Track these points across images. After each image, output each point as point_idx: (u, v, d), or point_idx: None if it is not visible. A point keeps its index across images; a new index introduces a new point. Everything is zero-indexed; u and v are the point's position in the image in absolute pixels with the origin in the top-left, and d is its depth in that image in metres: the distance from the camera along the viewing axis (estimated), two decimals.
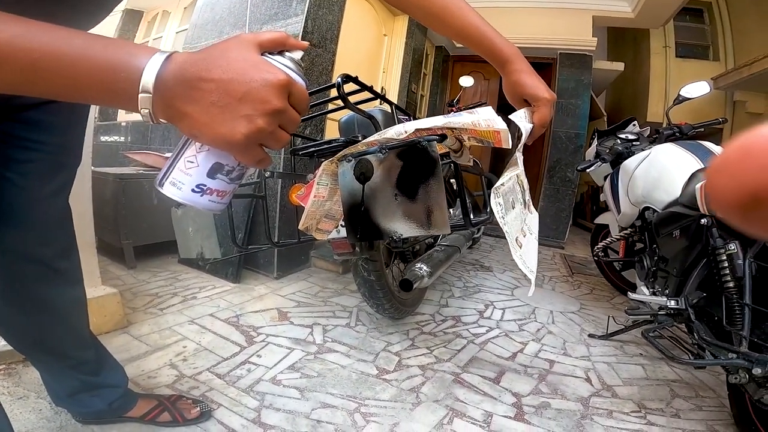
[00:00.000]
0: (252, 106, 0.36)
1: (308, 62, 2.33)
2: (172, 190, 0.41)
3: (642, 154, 1.88)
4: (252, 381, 1.38)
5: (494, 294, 2.54)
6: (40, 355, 0.97)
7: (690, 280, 1.44)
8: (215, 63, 0.36)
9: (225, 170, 0.42)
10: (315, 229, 0.86)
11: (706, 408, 1.46)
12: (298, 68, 0.43)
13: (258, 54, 0.39)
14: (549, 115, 0.74)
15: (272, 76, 0.37)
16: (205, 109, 0.36)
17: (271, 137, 0.39)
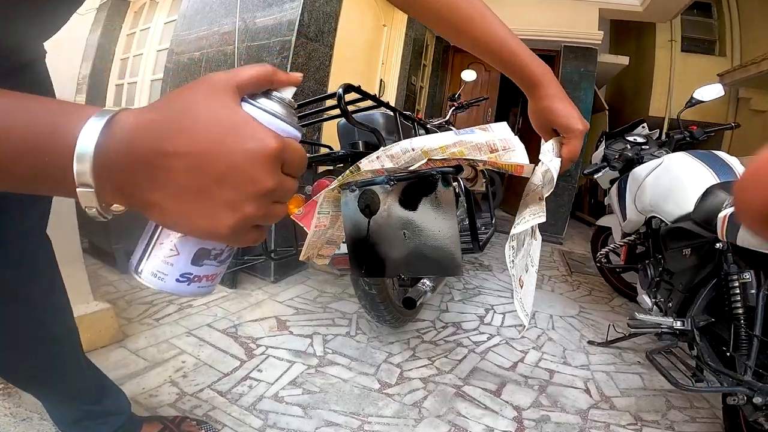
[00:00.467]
0: (236, 189, 0.27)
1: (305, 57, 2.25)
2: (152, 281, 0.33)
3: (654, 162, 1.85)
4: (254, 398, 1.36)
5: (494, 296, 2.54)
6: (37, 389, 0.95)
7: (697, 300, 1.43)
8: (180, 127, 0.26)
9: (212, 255, 0.34)
10: (316, 256, 0.83)
11: (700, 420, 1.48)
12: (290, 113, 0.33)
13: (236, 103, 0.29)
14: (580, 147, 0.64)
15: (259, 146, 0.27)
16: (175, 196, 0.27)
17: (264, 219, 0.30)
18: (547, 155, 0.62)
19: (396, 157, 0.57)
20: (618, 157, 2.09)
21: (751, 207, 0.28)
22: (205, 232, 0.29)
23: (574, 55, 4.11)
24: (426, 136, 0.56)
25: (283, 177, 0.30)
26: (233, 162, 0.27)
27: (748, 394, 1.12)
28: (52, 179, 0.26)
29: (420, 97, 4.47)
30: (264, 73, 0.31)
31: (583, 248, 4.15)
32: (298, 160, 0.31)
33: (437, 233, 0.61)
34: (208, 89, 0.28)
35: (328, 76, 2.45)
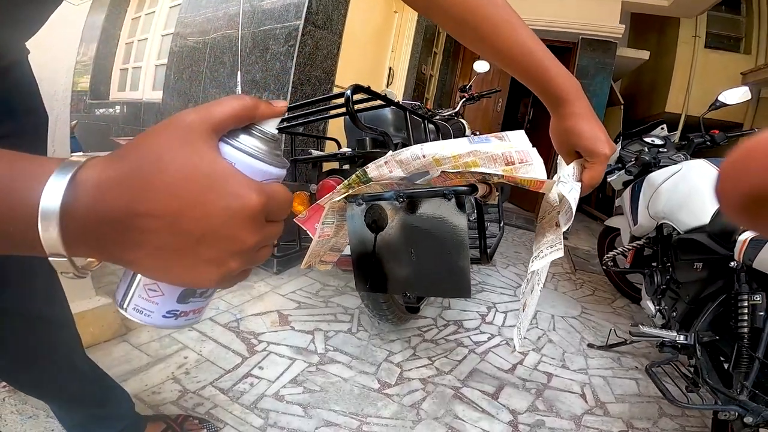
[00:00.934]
0: (217, 248, 0.26)
1: (312, 45, 2.20)
2: (138, 317, 0.32)
3: (672, 168, 1.81)
4: (255, 397, 1.38)
5: (497, 294, 2.54)
6: (42, 395, 0.96)
7: (704, 315, 1.42)
8: (152, 184, 0.24)
9: (198, 293, 0.33)
10: (319, 263, 0.82)
11: (689, 428, 1.50)
12: (273, 150, 0.30)
13: (212, 149, 0.26)
14: (603, 172, 0.59)
15: (240, 204, 0.25)
16: (152, 254, 0.25)
17: (250, 263, 0.29)
18: (567, 183, 0.56)
19: (405, 163, 0.54)
20: (634, 160, 2.04)
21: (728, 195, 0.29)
22: (189, 285, 0.29)
23: (592, 47, 4.00)
24: (438, 143, 0.53)
25: (266, 227, 0.28)
26: (213, 223, 0.25)
27: (741, 412, 1.15)
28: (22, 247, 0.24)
29: (429, 85, 4.38)
30: (243, 108, 0.28)
31: (589, 244, 4.14)
32: (282, 206, 0.29)
33: (446, 254, 0.59)
34: (181, 134, 0.25)
35: (335, 66, 2.39)
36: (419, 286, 0.64)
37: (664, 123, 2.32)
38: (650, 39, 5.72)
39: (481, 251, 0.86)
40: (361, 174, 0.58)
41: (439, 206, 0.58)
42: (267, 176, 0.29)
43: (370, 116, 1.48)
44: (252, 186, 0.26)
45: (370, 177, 0.58)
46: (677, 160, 1.98)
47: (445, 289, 0.62)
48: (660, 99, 5.36)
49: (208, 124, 0.26)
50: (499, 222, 1.34)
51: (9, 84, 0.60)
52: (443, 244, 0.59)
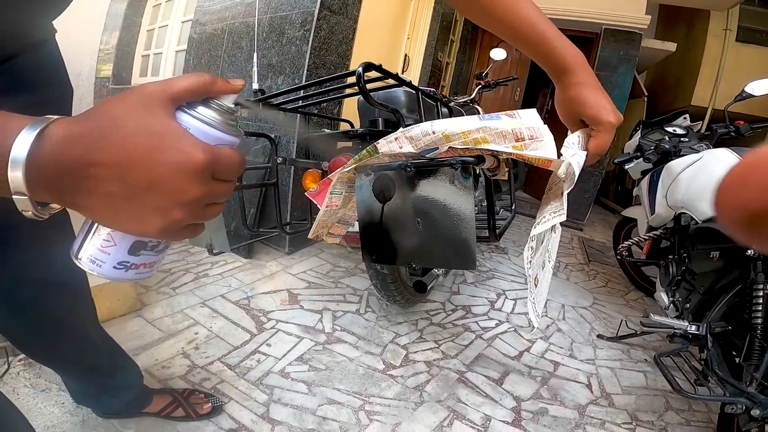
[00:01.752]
0: (163, 198, 0.28)
1: (327, 30, 2.20)
2: (91, 267, 0.34)
3: (692, 156, 1.75)
4: (261, 373, 1.42)
5: (507, 281, 2.52)
6: (56, 364, 1.00)
7: (717, 305, 1.39)
8: (107, 139, 0.27)
9: (149, 246, 0.35)
10: (326, 234, 0.83)
11: (694, 423, 1.47)
12: (227, 120, 0.34)
13: (168, 114, 0.29)
14: (609, 141, 0.59)
15: (184, 158, 0.28)
16: (102, 201, 0.28)
17: (196, 219, 0.32)
18: (571, 149, 0.57)
19: (415, 139, 0.55)
20: (654, 148, 1.98)
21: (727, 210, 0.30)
22: (135, 232, 0.31)
23: (615, 38, 3.86)
24: (448, 119, 0.53)
25: (213, 184, 0.31)
26: (159, 174, 0.28)
27: (748, 404, 1.12)
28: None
29: (445, 73, 4.33)
30: (200, 82, 0.31)
31: (604, 236, 4.06)
32: (231, 167, 0.31)
33: (452, 225, 0.59)
34: (139, 100, 0.28)
35: (351, 50, 2.39)
36: (425, 256, 0.64)
37: (687, 113, 2.24)
38: (678, 31, 5.52)
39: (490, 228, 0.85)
40: (371, 149, 0.59)
41: (446, 176, 0.58)
42: (218, 141, 0.32)
43: (383, 97, 1.49)
44: (198, 145, 0.29)
45: (380, 152, 0.59)
46: (698, 149, 1.91)
47: (450, 260, 0.62)
48: (686, 92, 5.17)
49: (167, 94, 0.29)
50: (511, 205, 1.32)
51: (38, 59, 0.65)
52: (449, 215, 0.59)
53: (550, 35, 0.59)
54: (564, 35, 0.60)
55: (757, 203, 0.27)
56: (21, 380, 1.25)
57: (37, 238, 0.77)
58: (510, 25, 0.60)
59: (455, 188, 0.58)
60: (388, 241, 0.66)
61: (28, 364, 1.30)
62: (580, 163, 0.56)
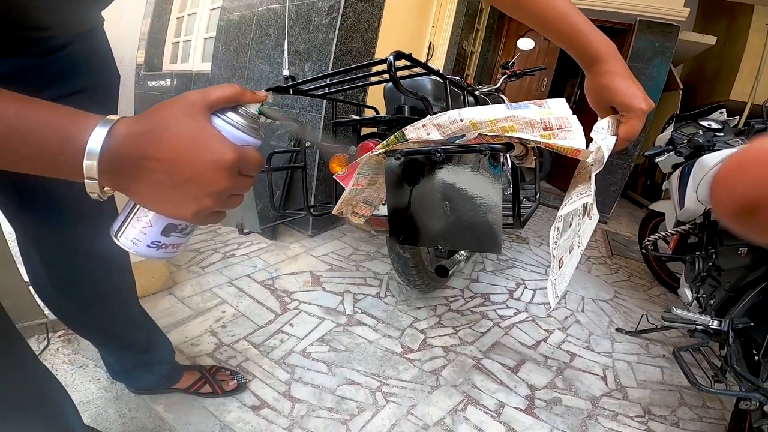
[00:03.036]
0: (198, 187, 0.36)
1: (353, 18, 2.21)
2: (128, 245, 0.41)
3: (726, 151, 1.70)
4: (284, 352, 1.48)
5: (527, 271, 2.53)
6: (97, 338, 1.07)
7: (741, 302, 1.37)
8: (159, 138, 0.34)
9: (179, 228, 0.43)
10: (351, 213, 0.86)
11: (706, 419, 1.47)
12: (251, 125, 0.41)
13: (206, 119, 0.37)
14: (640, 127, 0.60)
15: (218, 156, 0.35)
16: (151, 187, 0.36)
17: (222, 206, 0.39)
18: (600, 133, 0.57)
19: (443, 126, 0.57)
20: (686, 142, 1.93)
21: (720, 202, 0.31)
22: (172, 215, 0.38)
23: (651, 30, 3.72)
24: (476, 108, 0.54)
25: (238, 178, 0.38)
26: (197, 168, 0.35)
27: (762, 400, 1.12)
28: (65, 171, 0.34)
29: (470, 62, 4.27)
30: (232, 93, 0.39)
31: (630, 230, 3.98)
32: (253, 164, 0.39)
33: (479, 209, 0.61)
34: (184, 107, 0.36)
35: (376, 38, 2.40)
36: (451, 238, 0.66)
37: (724, 107, 2.16)
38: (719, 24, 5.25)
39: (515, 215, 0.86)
40: (399, 135, 0.61)
41: (475, 163, 0.60)
42: (244, 143, 0.40)
43: (410, 85, 1.49)
44: (229, 146, 0.36)
45: (407, 138, 0.60)
46: (734, 145, 1.86)
47: (476, 244, 0.64)
48: (724, 86, 4.94)
49: (205, 102, 0.37)
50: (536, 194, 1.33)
51: (88, 47, 0.70)
52: (477, 200, 0.60)
53: (581, 25, 0.60)
54: (594, 26, 0.60)
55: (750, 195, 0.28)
56: (60, 356, 1.33)
57: (85, 213, 0.80)
58: (540, 14, 0.61)
59: (484, 174, 0.59)
60: (415, 223, 0.68)
61: (67, 340, 1.39)
62: (610, 147, 0.56)
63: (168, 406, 1.21)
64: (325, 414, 1.26)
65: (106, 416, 1.16)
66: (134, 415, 1.18)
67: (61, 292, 0.90)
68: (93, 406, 1.18)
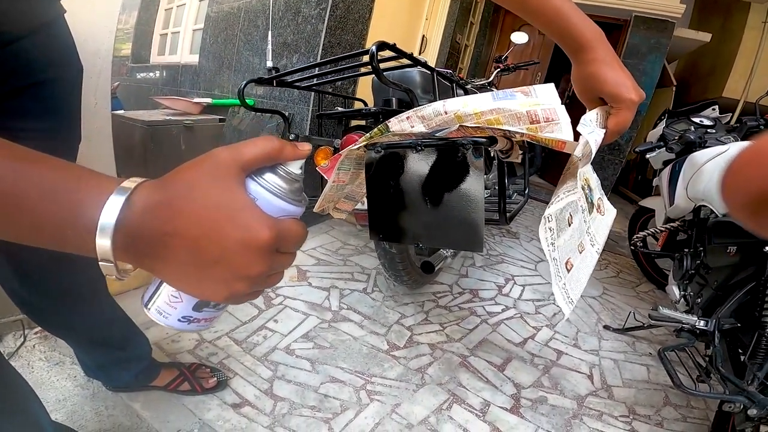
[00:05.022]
0: (229, 270, 0.30)
1: (343, 9, 2.17)
2: (158, 317, 0.37)
3: (718, 148, 1.69)
4: (267, 349, 1.46)
5: (517, 267, 2.51)
6: (67, 334, 1.04)
7: (729, 302, 1.36)
8: (183, 211, 0.28)
9: (212, 305, 0.38)
10: (333, 209, 0.84)
11: (690, 419, 1.46)
12: (293, 189, 0.34)
13: (238, 184, 0.30)
14: (630, 119, 0.57)
15: (251, 235, 0.29)
16: (176, 268, 0.30)
17: (259, 287, 0.33)
18: (588, 126, 0.55)
19: (427, 118, 0.55)
20: (678, 138, 1.92)
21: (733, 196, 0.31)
22: (199, 297, 0.33)
23: (646, 26, 3.73)
24: (461, 99, 0.52)
25: (277, 257, 0.32)
26: (227, 249, 0.29)
27: (746, 404, 1.11)
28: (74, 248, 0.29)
29: (464, 55, 4.25)
30: (271, 149, 0.32)
31: (620, 226, 3.93)
32: (294, 240, 0.33)
33: (461, 206, 0.59)
34: (213, 170, 0.30)
35: (367, 30, 2.36)
36: (432, 236, 0.64)
37: (717, 104, 2.15)
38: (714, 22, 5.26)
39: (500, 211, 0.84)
40: (382, 128, 0.58)
41: (457, 157, 0.58)
42: (284, 213, 0.33)
43: (398, 76, 1.47)
44: (265, 221, 0.30)
45: (391, 130, 0.58)
46: (725, 141, 1.84)
47: (457, 241, 0.62)
48: (718, 83, 4.95)
49: (238, 163, 0.30)
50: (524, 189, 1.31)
51: (46, 39, 0.67)
52: (458, 196, 0.58)
53: (566, 10, 0.57)
54: (582, 12, 0.58)
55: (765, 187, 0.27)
56: (36, 353, 1.30)
57: None
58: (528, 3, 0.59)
59: (465, 169, 0.57)
60: (395, 220, 0.66)
61: (43, 337, 1.36)
62: (598, 141, 0.54)
63: (146, 403, 1.18)
64: (308, 412, 1.24)
65: (83, 414, 1.14)
66: (111, 412, 1.15)
67: (27, 289, 0.88)
68: (69, 404, 1.15)
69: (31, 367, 1.25)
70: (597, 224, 0.62)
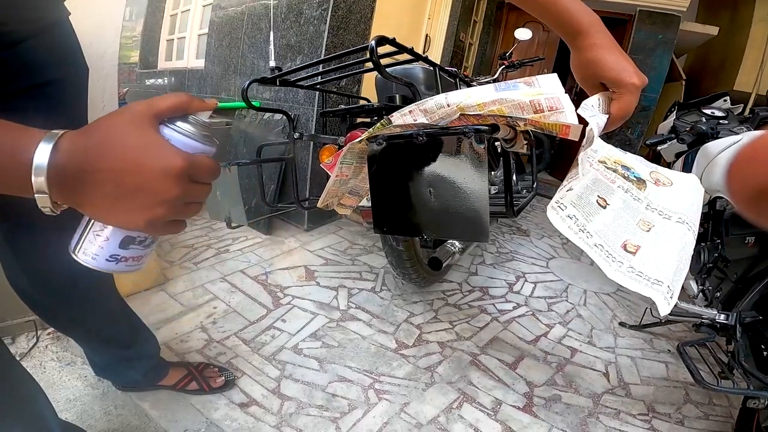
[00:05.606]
0: (147, 196, 0.34)
1: (345, 10, 2.17)
2: (86, 259, 0.40)
3: (731, 138, 1.65)
4: (275, 348, 1.45)
5: (527, 264, 2.47)
6: (76, 333, 1.05)
7: (749, 294, 1.31)
8: (105, 151, 0.33)
9: (137, 241, 0.41)
10: (337, 205, 0.83)
11: (713, 417, 1.41)
12: (202, 133, 0.39)
13: (153, 129, 0.35)
14: (634, 103, 0.56)
15: (166, 163, 0.34)
16: (101, 200, 0.34)
17: (179, 214, 0.37)
18: (589, 111, 0.54)
19: (430, 111, 0.54)
20: (689, 129, 1.88)
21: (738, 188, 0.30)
22: (125, 225, 0.37)
23: (651, 20, 3.67)
24: (463, 91, 0.51)
25: (191, 185, 0.36)
26: (145, 177, 0.34)
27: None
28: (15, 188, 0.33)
29: (468, 54, 4.23)
30: (179, 102, 0.38)
31: None
32: (206, 171, 0.37)
33: (465, 195, 0.58)
34: (128, 117, 0.35)
35: (369, 30, 2.36)
36: (436, 227, 0.63)
37: (727, 95, 2.10)
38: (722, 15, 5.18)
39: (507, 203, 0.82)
40: (385, 122, 0.58)
41: (460, 146, 0.57)
42: (195, 150, 0.38)
43: (400, 73, 1.46)
44: (177, 153, 0.35)
45: (394, 124, 0.58)
46: (738, 132, 1.80)
47: (462, 232, 0.61)
48: (729, 77, 4.86)
49: (151, 111, 0.36)
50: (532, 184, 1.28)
51: (50, 41, 0.68)
52: (462, 185, 0.58)
53: None
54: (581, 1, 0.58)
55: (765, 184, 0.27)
56: (48, 353, 1.31)
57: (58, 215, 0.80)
58: None
59: (468, 158, 0.56)
60: (399, 212, 0.66)
61: (56, 337, 1.36)
62: (600, 125, 0.53)
63: (154, 403, 1.18)
64: (315, 412, 1.23)
65: (92, 413, 1.14)
66: (120, 412, 1.15)
67: (36, 287, 0.88)
68: (79, 403, 1.16)
69: (43, 368, 1.26)
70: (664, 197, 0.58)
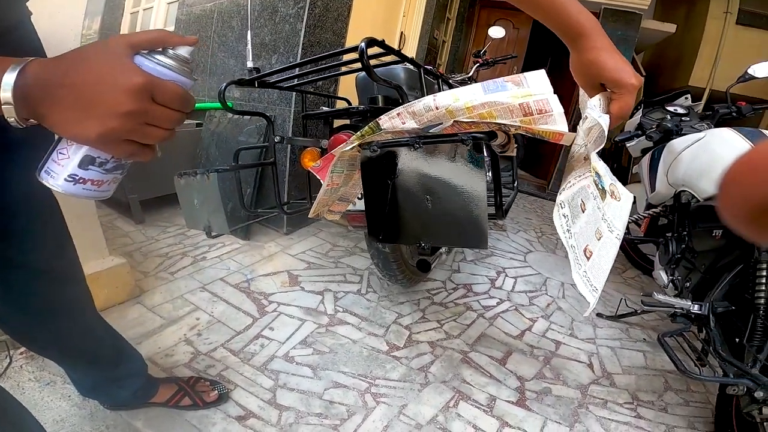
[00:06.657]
0: (103, 108, 0.36)
1: (321, 7, 2.13)
2: (47, 179, 0.41)
3: (695, 135, 1.74)
4: (266, 358, 1.41)
5: (506, 259, 2.53)
6: (55, 355, 0.97)
7: (719, 285, 1.39)
8: (72, 68, 0.36)
9: (98, 162, 0.41)
10: (326, 212, 0.81)
11: (693, 404, 1.49)
12: (179, 65, 0.40)
13: (127, 56, 0.37)
14: (632, 103, 0.59)
15: (125, 78, 0.36)
16: (60, 111, 0.36)
17: (137, 134, 0.38)
18: (594, 110, 0.56)
19: (418, 114, 0.54)
20: (656, 127, 1.97)
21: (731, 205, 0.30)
22: (79, 137, 0.38)
23: (615, 18, 3.82)
24: (450, 92, 0.51)
25: (151, 104, 0.38)
26: (104, 89, 0.36)
27: (751, 386, 1.12)
28: None
29: (442, 51, 4.27)
30: (158, 35, 0.39)
31: None
32: (171, 94, 0.39)
33: (463, 202, 0.58)
34: (105, 46, 0.37)
35: (346, 28, 2.32)
36: (435, 235, 0.63)
37: (689, 93, 2.23)
38: (678, 12, 5.45)
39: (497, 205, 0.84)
40: (373, 125, 0.57)
41: (457, 153, 0.56)
42: (168, 78, 0.39)
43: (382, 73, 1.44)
44: (140, 72, 0.37)
45: (382, 128, 0.57)
46: (700, 129, 1.91)
47: (461, 239, 0.61)
48: (684, 73, 5.13)
49: (126, 41, 0.38)
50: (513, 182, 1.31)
51: (12, 42, 0.63)
52: (461, 192, 0.58)
53: (565, 3, 0.59)
54: (579, 3, 0.60)
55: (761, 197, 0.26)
56: (24, 374, 1.22)
57: (24, 222, 0.74)
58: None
59: (466, 165, 0.56)
60: (395, 220, 0.65)
61: (30, 356, 1.27)
62: (608, 124, 0.55)
63: (147, 421, 1.12)
64: (315, 420, 1.20)
65: None
66: None
67: (8, 305, 0.80)
68: (68, 425, 1.09)
69: (21, 389, 1.17)
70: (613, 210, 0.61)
